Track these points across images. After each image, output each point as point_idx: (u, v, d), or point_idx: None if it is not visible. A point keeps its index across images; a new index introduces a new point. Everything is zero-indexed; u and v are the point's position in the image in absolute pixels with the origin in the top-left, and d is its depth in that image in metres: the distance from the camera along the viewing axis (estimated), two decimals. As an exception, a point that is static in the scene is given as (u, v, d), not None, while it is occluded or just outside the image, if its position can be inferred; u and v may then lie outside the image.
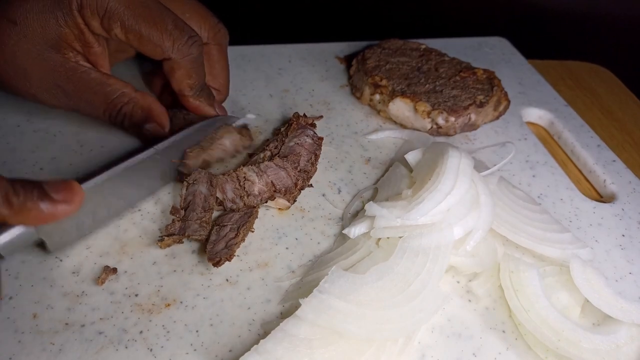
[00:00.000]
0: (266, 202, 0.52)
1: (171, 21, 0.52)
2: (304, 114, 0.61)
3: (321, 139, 0.58)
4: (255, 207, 0.51)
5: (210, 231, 0.48)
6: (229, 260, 0.46)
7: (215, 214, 0.52)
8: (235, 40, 0.75)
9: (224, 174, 0.51)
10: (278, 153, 0.55)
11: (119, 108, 0.53)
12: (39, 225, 0.40)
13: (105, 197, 0.47)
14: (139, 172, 0.49)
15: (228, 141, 0.55)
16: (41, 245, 0.44)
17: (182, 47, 0.52)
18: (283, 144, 0.56)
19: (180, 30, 0.52)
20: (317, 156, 0.57)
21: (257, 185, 0.51)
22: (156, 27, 0.51)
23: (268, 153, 0.55)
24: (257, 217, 0.51)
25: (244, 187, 0.50)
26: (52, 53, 0.51)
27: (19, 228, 0.39)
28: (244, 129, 0.57)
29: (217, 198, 0.51)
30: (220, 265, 0.45)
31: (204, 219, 0.48)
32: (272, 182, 0.51)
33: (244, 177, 0.51)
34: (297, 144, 0.56)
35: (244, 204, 0.51)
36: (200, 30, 0.57)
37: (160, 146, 0.51)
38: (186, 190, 0.50)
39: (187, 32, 0.53)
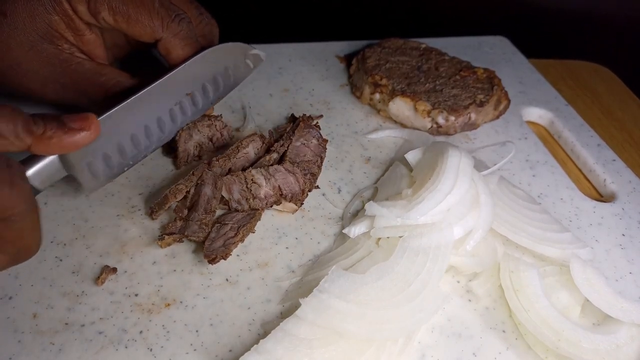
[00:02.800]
0: (271, 206, 0.51)
1: (157, 0, 0.52)
2: (310, 115, 0.61)
3: (325, 141, 0.58)
4: (259, 209, 0.51)
5: (211, 228, 0.48)
6: (225, 259, 0.45)
7: (219, 212, 0.52)
8: (235, 40, 0.75)
9: (231, 174, 0.51)
10: (285, 153, 0.55)
11: (117, 98, 0.53)
12: (62, 153, 0.41)
13: (125, 129, 0.48)
14: (152, 103, 0.50)
15: (252, 150, 0.55)
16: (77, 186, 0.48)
17: (171, 24, 0.52)
18: (290, 143, 0.56)
19: (167, 9, 0.52)
20: (322, 159, 0.57)
21: (264, 188, 0.50)
22: (143, 6, 0.51)
23: (275, 155, 0.55)
24: (259, 219, 0.51)
25: (250, 190, 0.50)
26: (45, 44, 0.51)
27: (46, 158, 0.41)
28: (264, 136, 0.57)
29: (222, 197, 0.51)
30: (215, 263, 0.45)
31: (204, 220, 0.48)
32: (279, 186, 0.51)
33: (252, 179, 0.50)
34: (304, 144, 0.56)
35: (249, 206, 0.51)
36: None
37: (170, 75, 0.51)
38: (193, 190, 0.50)
39: (174, 10, 0.53)
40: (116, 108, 0.46)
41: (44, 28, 0.50)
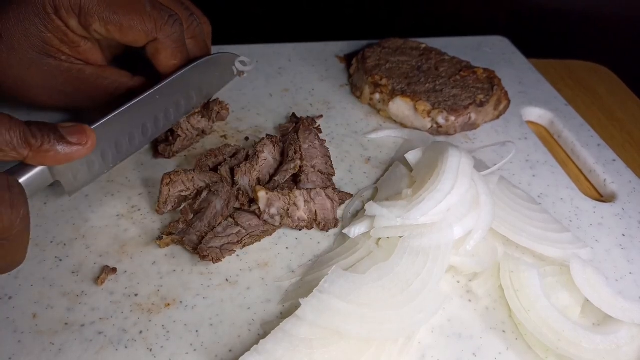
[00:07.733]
0: (300, 229, 0.50)
1: (148, 3, 0.51)
2: (312, 118, 0.61)
3: (323, 140, 0.58)
4: (278, 226, 0.50)
5: (225, 219, 0.48)
6: (214, 262, 0.46)
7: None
8: (235, 40, 0.75)
9: (278, 192, 0.50)
10: (301, 158, 0.54)
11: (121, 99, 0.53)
12: (55, 165, 0.41)
13: (110, 136, 0.48)
14: (139, 112, 0.51)
15: (269, 154, 0.55)
16: (58, 189, 0.48)
17: (165, 27, 0.51)
18: (300, 146, 0.55)
19: (159, 11, 0.51)
20: (329, 158, 0.57)
21: (300, 211, 0.50)
22: (135, 12, 0.50)
23: (298, 162, 0.54)
24: (270, 235, 0.50)
25: (287, 210, 0.49)
26: (44, 59, 0.50)
27: (36, 168, 0.41)
28: (271, 136, 0.57)
29: (258, 208, 0.49)
30: (205, 261, 0.45)
31: (204, 235, 0.48)
32: (316, 211, 0.50)
33: (294, 201, 0.50)
34: (310, 146, 0.56)
35: (280, 223, 0.50)
36: None
37: (159, 87, 0.52)
38: (205, 194, 0.50)
39: (166, 11, 0.52)
40: (105, 119, 0.47)
41: (40, 45, 0.50)
